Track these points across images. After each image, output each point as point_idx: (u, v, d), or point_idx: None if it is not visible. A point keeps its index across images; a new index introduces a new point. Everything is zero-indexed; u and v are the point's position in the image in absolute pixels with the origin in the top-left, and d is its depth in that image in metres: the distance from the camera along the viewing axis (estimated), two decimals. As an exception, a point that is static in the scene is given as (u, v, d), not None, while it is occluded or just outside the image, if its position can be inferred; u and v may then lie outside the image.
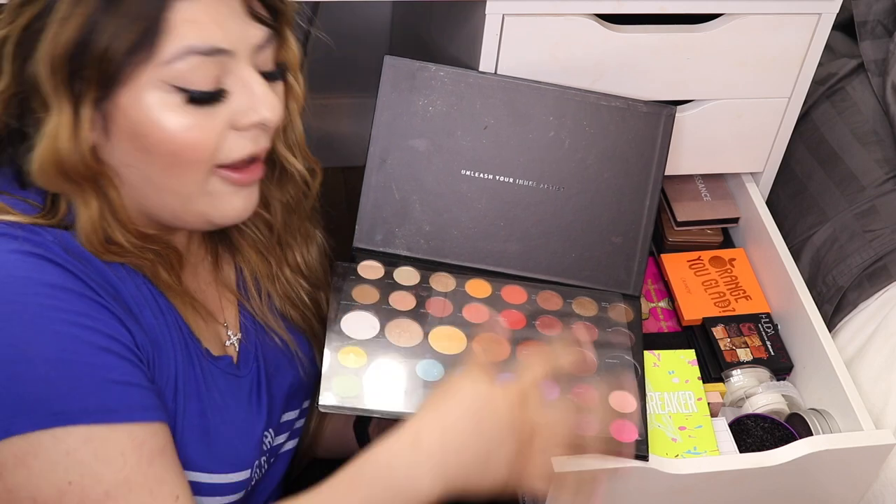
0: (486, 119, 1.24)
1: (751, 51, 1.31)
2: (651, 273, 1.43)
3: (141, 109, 0.91)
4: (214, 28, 0.91)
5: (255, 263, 1.13)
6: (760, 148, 1.43)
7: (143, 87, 0.90)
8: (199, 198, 0.96)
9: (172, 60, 0.90)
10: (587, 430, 0.98)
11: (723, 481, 1.15)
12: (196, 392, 1.01)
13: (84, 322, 0.90)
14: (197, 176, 0.95)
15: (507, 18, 1.22)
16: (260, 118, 0.95)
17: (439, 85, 1.24)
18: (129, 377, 0.92)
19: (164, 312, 0.99)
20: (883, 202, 1.44)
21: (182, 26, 0.90)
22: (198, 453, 1.00)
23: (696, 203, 1.46)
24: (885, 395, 1.27)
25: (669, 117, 1.27)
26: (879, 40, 1.57)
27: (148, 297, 0.98)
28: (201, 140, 0.93)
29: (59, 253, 0.91)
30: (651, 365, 1.23)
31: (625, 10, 1.25)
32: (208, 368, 1.03)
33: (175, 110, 0.91)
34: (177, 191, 0.96)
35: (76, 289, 0.90)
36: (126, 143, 0.93)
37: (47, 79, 0.89)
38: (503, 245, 1.24)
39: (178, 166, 0.94)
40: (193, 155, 0.93)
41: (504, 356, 1.14)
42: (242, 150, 0.96)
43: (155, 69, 0.90)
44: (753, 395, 1.27)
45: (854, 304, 1.39)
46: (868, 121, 1.52)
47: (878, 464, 1.20)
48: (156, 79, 0.90)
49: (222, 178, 0.96)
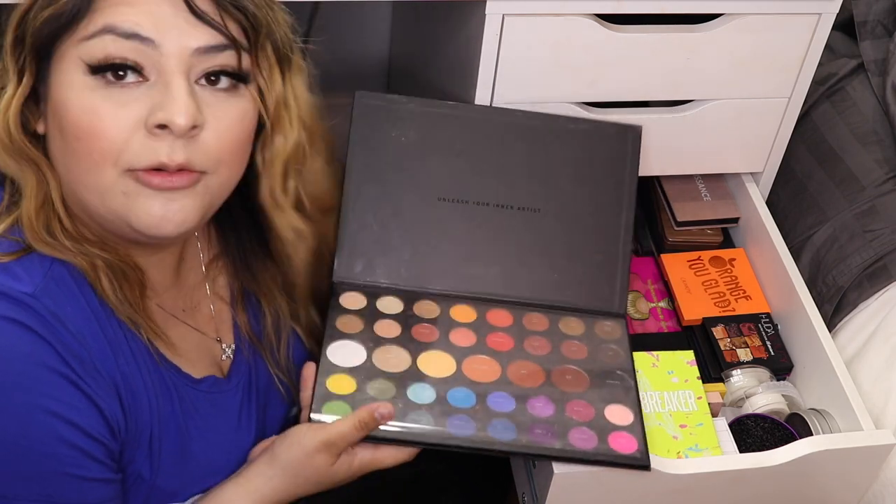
0: (458, 146, 1.25)
1: (751, 51, 1.31)
2: (651, 273, 1.43)
3: (60, 87, 0.91)
4: (144, 16, 0.89)
5: (279, 303, 1.13)
6: (760, 148, 1.43)
7: (66, 64, 0.90)
8: (115, 197, 0.92)
9: (91, 37, 0.89)
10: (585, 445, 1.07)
11: (723, 481, 1.15)
12: (175, 427, 1.01)
13: (50, 406, 0.89)
14: (106, 170, 0.91)
15: (507, 18, 1.22)
16: (166, 118, 0.89)
17: (410, 116, 1.25)
18: (85, 471, 0.92)
19: (136, 355, 0.98)
20: (883, 202, 1.44)
21: (109, 7, 0.90)
22: (178, 481, 1.02)
23: (696, 203, 1.46)
24: (885, 395, 1.27)
25: (636, 138, 1.30)
26: (879, 40, 1.57)
27: (121, 341, 0.97)
28: (104, 126, 0.90)
29: (34, 309, 0.90)
30: (650, 365, 1.23)
31: (625, 10, 1.25)
32: (188, 396, 1.03)
33: (85, 91, 0.90)
34: (92, 186, 0.92)
35: (48, 362, 0.89)
36: (54, 129, 0.93)
37: (7, 50, 0.91)
38: (484, 269, 1.24)
39: (87, 155, 0.91)
40: (98, 144, 0.90)
41: (494, 378, 1.15)
42: (151, 156, 0.90)
43: (75, 45, 0.90)
44: (753, 395, 1.27)
45: (854, 304, 1.39)
46: (868, 121, 1.52)
47: (878, 464, 1.20)
48: (75, 56, 0.90)
49: (136, 179, 0.92)
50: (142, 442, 0.98)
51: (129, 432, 0.97)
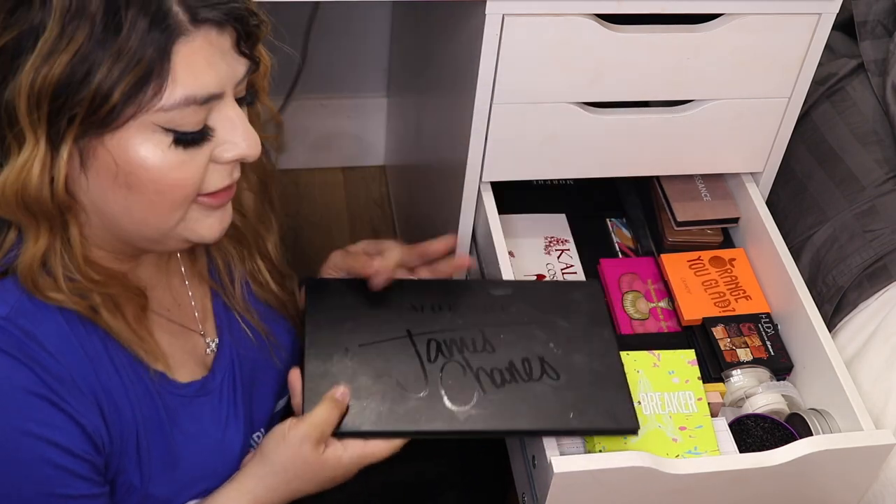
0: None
1: (751, 51, 1.31)
2: (651, 273, 1.43)
3: (128, 149, 0.89)
4: (209, 71, 0.89)
5: (228, 249, 1.13)
6: (760, 148, 1.43)
7: (135, 128, 0.88)
8: (177, 226, 0.96)
9: (171, 108, 0.88)
10: None
11: (723, 481, 1.15)
12: (161, 434, 1.01)
13: (32, 429, 0.89)
14: (180, 209, 0.94)
15: (507, 18, 1.22)
16: (241, 154, 0.95)
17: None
18: (72, 489, 0.93)
19: (118, 367, 0.98)
20: (883, 202, 1.44)
21: (181, 72, 0.87)
22: (169, 488, 1.02)
23: (696, 203, 1.46)
24: (885, 395, 1.27)
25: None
26: (879, 40, 1.57)
27: (101, 354, 0.96)
28: (187, 178, 0.92)
29: (8, 332, 0.89)
30: (651, 365, 1.23)
31: (625, 10, 1.25)
32: (173, 402, 1.03)
33: (163, 150, 0.90)
34: (157, 224, 0.95)
35: (26, 385, 0.89)
36: (106, 180, 0.91)
37: (25, 113, 0.85)
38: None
39: (162, 203, 0.93)
40: (181, 192, 0.93)
41: None
42: (221, 182, 0.96)
43: (152, 114, 0.88)
44: (753, 395, 1.27)
45: (854, 304, 1.39)
46: (868, 121, 1.53)
47: (878, 464, 1.20)
48: (149, 122, 0.88)
49: (200, 204, 0.96)
50: (128, 451, 0.99)
51: (113, 444, 0.97)
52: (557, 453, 1.11)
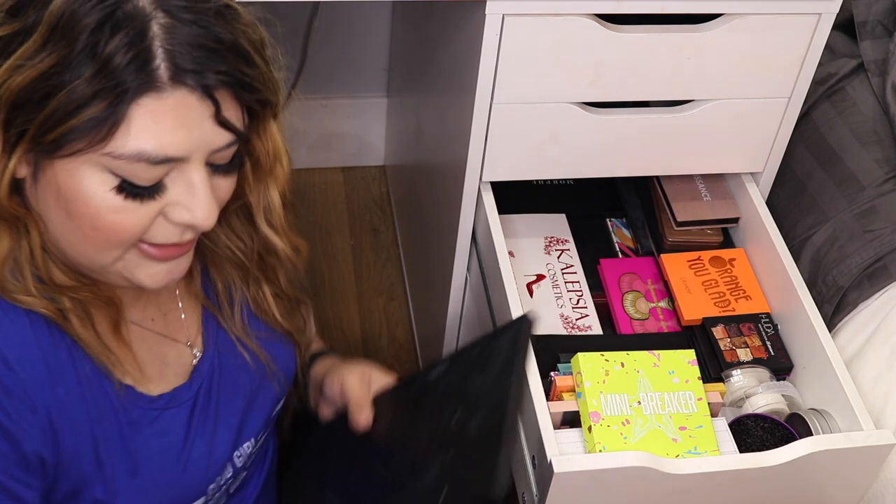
0: None
1: (751, 51, 1.31)
2: (651, 273, 1.43)
3: (72, 179, 0.86)
4: (174, 134, 0.84)
5: (230, 273, 1.09)
6: (760, 148, 1.43)
7: (83, 161, 0.85)
8: (115, 266, 0.92)
9: (120, 158, 0.84)
10: None
11: (723, 481, 1.15)
12: (123, 448, 0.98)
13: None
14: (117, 250, 0.90)
15: (507, 18, 1.22)
16: (191, 222, 0.89)
17: None
18: None
19: (81, 379, 0.94)
20: (883, 202, 1.44)
21: (141, 124, 0.83)
22: (136, 499, 0.99)
23: (696, 203, 1.46)
24: (885, 395, 1.27)
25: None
26: (879, 40, 1.57)
27: (65, 365, 0.93)
28: (126, 226, 0.88)
29: None
30: (651, 365, 1.23)
31: (625, 10, 1.25)
32: (137, 415, 0.99)
33: (105, 191, 0.86)
34: (92, 257, 0.91)
35: None
36: (51, 199, 0.88)
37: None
38: None
39: (97, 238, 0.89)
40: (116, 236, 0.88)
41: None
42: (167, 238, 0.91)
43: (100, 156, 0.84)
44: (753, 395, 1.27)
45: (854, 304, 1.39)
46: (868, 121, 1.53)
47: (878, 464, 1.20)
48: (97, 161, 0.85)
49: (141, 251, 0.91)
50: (85, 467, 0.96)
51: (62, 461, 0.94)
52: (557, 453, 1.11)
